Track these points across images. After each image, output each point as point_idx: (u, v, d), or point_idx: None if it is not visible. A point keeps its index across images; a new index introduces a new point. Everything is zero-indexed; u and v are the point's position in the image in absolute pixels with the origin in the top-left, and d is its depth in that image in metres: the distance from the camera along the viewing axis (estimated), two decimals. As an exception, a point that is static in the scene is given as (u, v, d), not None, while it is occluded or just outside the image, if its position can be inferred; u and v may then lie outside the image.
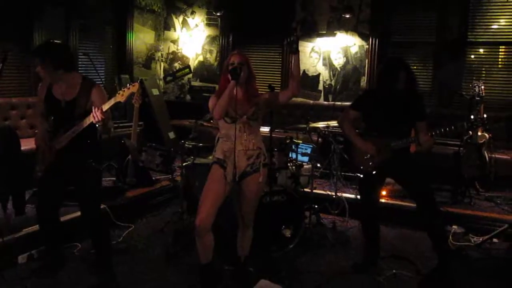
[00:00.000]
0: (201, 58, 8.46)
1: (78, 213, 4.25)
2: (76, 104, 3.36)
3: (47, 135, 3.52)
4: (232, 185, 3.24)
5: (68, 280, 3.58)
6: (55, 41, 3.54)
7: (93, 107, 3.23)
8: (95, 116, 3.20)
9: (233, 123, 3.19)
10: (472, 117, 3.50)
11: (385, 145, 3.54)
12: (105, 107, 3.24)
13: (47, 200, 3.59)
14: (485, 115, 3.44)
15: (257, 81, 3.36)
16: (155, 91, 7.50)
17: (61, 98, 3.41)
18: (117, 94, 3.30)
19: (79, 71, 6.88)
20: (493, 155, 5.31)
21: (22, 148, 4.43)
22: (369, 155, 3.61)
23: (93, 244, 3.72)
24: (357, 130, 3.74)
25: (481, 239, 4.44)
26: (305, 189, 4.71)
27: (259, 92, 3.33)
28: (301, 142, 5.01)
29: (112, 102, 3.27)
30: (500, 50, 6.63)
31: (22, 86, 6.17)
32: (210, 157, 4.52)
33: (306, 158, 5.38)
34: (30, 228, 4.03)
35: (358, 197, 4.98)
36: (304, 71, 7.56)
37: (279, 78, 7.73)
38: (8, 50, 3.31)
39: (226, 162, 3.22)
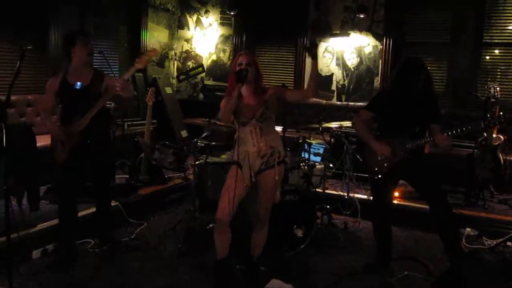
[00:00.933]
0: (214, 57, 8.48)
1: (91, 210, 4.35)
2: (92, 88, 3.72)
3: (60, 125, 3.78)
4: (249, 185, 3.29)
5: (81, 276, 3.61)
6: None
7: (115, 79, 3.74)
8: (117, 85, 3.63)
9: (244, 126, 3.24)
10: (488, 115, 3.46)
11: (400, 146, 3.52)
12: (126, 75, 3.87)
13: (70, 187, 3.84)
14: (501, 113, 3.38)
15: (270, 81, 3.39)
16: (169, 90, 7.54)
17: (75, 83, 3.70)
18: (134, 64, 3.83)
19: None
20: (507, 157, 5.25)
21: (38, 144, 4.49)
22: (383, 157, 3.58)
23: (97, 210, 4.09)
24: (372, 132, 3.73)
25: (494, 242, 4.39)
26: (317, 189, 4.70)
27: (266, 88, 3.34)
28: (313, 142, 5.00)
29: (132, 70, 3.88)
30: (516, 51, 6.55)
31: (38, 83, 6.23)
32: (223, 156, 4.56)
33: (318, 158, 5.37)
34: (44, 223, 4.08)
35: (371, 198, 4.98)
36: (317, 71, 7.53)
37: (292, 77, 7.72)
38: (26, 47, 3.34)
39: (241, 164, 3.26)
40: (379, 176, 3.63)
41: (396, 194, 4.99)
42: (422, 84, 3.45)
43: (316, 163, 4.97)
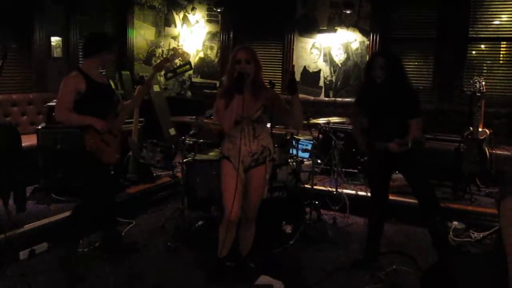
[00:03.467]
0: (201, 54, 8.45)
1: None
2: (109, 86, 3.77)
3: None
4: (244, 179, 3.28)
5: (70, 276, 3.58)
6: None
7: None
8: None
9: (237, 125, 3.18)
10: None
11: (372, 144, 3.60)
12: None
13: (112, 183, 3.94)
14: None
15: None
16: (156, 88, 7.50)
17: (103, 82, 3.69)
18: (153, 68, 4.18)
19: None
20: (493, 151, 5.31)
21: (23, 144, 4.44)
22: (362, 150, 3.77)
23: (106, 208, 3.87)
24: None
25: (481, 235, 4.44)
26: (306, 185, 4.71)
27: (266, 85, 3.28)
28: (301, 138, 5.01)
29: (154, 73, 4.18)
30: (502, 46, 6.62)
31: (22, 83, 6.18)
32: (211, 153, 4.55)
33: (306, 154, 5.38)
34: (31, 224, 4.05)
35: (359, 193, 5.01)
36: (304, 67, 7.56)
37: (280, 74, 7.72)
38: (8, 47, 3.31)
39: (232, 160, 3.23)
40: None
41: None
42: (384, 73, 3.41)
43: (304, 159, 4.99)
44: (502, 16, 6.45)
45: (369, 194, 4.02)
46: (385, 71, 3.42)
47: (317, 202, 4.76)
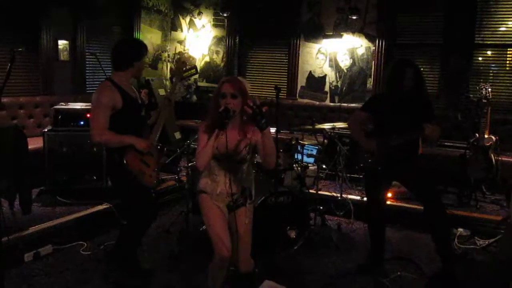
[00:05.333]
0: (207, 58, 8.47)
1: (83, 212, 4.34)
2: (142, 100, 3.53)
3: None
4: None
5: (73, 279, 3.59)
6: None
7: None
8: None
9: (218, 161, 2.88)
10: (464, 111, 3.50)
11: (384, 142, 3.57)
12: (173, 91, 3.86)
13: (153, 207, 3.67)
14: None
15: (263, 82, 3.25)
16: (162, 91, 7.51)
17: (136, 97, 3.41)
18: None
19: (86, 71, 6.96)
20: (499, 158, 5.28)
21: (29, 147, 4.46)
22: (369, 153, 3.68)
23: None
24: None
25: (486, 242, 4.42)
26: (311, 190, 4.71)
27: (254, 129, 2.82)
28: (307, 143, 5.01)
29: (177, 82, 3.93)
30: (508, 52, 6.59)
31: (30, 86, 6.22)
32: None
33: (311, 160, 5.38)
34: (36, 226, 4.06)
35: (364, 198, 4.99)
36: (310, 72, 7.56)
37: (285, 78, 7.73)
38: (16, 50, 3.32)
39: (211, 196, 2.94)
40: (376, 168, 3.67)
41: (389, 194, 5.01)
42: (413, 83, 3.47)
43: (309, 164, 4.98)
44: (509, 22, 6.43)
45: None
46: (414, 81, 3.48)
47: (321, 208, 4.76)
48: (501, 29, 6.50)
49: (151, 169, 3.38)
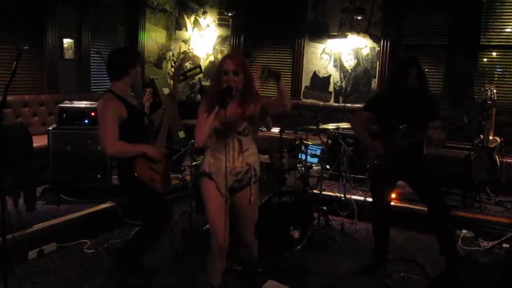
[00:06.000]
0: (212, 58, 8.48)
1: (87, 211, 4.36)
2: (142, 109, 3.59)
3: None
4: (228, 196, 2.98)
5: (77, 277, 3.61)
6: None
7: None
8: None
9: (221, 138, 2.89)
10: (470, 114, 3.47)
11: (392, 144, 3.55)
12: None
13: (166, 213, 3.63)
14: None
15: (267, 82, 3.25)
16: (166, 90, 7.53)
17: (136, 106, 3.44)
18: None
19: (91, 70, 6.98)
20: (504, 159, 5.26)
21: (34, 145, 4.47)
22: (375, 154, 3.66)
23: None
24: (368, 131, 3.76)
25: (490, 244, 4.40)
26: (314, 191, 4.71)
27: (257, 95, 3.01)
28: (311, 143, 5.00)
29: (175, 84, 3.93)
30: (513, 54, 6.57)
31: (34, 84, 6.24)
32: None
33: (315, 160, 5.37)
34: (40, 224, 4.08)
35: (368, 199, 4.99)
36: (314, 72, 7.56)
37: (290, 78, 7.72)
38: (23, 47, 3.33)
39: (213, 176, 2.96)
40: (380, 169, 3.66)
41: (393, 195, 5.00)
42: (416, 81, 3.46)
43: (313, 164, 4.98)
44: (514, 24, 6.41)
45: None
46: (417, 79, 3.47)
47: (325, 208, 4.75)
48: (506, 30, 6.48)
49: (161, 175, 3.39)
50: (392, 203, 4.68)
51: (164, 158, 3.44)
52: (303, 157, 4.77)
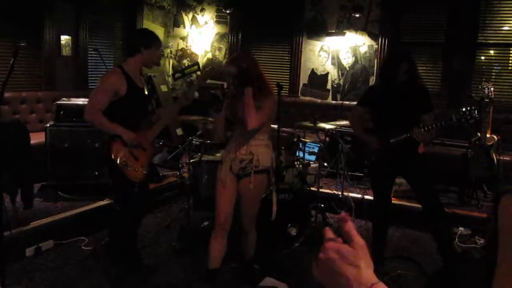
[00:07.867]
0: (210, 55, 8.47)
1: (85, 208, 4.35)
2: (151, 95, 3.57)
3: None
4: (235, 183, 3.23)
5: (75, 274, 3.61)
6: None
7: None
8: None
9: (232, 132, 3.23)
10: (463, 109, 3.44)
11: (385, 140, 3.57)
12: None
13: (138, 202, 3.57)
14: (473, 107, 3.35)
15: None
16: (164, 88, 7.52)
17: (142, 88, 3.45)
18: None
19: (88, 66, 6.96)
20: (501, 157, 5.27)
21: (31, 142, 4.46)
22: (371, 150, 3.68)
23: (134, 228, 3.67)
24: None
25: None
26: (312, 188, 4.71)
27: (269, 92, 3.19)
28: (308, 141, 5.01)
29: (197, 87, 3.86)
30: (511, 52, 6.58)
31: (32, 80, 6.22)
32: (218, 154, 4.55)
33: (313, 157, 5.38)
34: (38, 221, 4.07)
35: (365, 197, 5.00)
36: (312, 69, 7.56)
37: (288, 76, 7.73)
38: (20, 44, 3.32)
39: (223, 161, 3.25)
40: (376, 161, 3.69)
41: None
42: (406, 75, 3.45)
43: (311, 162, 4.99)
44: (512, 22, 6.42)
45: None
46: (408, 74, 3.47)
47: (322, 205, 4.76)
48: (504, 28, 6.49)
49: (138, 163, 3.32)
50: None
51: (149, 147, 3.41)
52: (301, 154, 4.78)
